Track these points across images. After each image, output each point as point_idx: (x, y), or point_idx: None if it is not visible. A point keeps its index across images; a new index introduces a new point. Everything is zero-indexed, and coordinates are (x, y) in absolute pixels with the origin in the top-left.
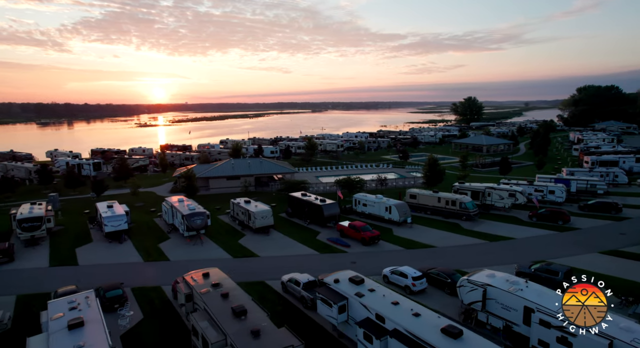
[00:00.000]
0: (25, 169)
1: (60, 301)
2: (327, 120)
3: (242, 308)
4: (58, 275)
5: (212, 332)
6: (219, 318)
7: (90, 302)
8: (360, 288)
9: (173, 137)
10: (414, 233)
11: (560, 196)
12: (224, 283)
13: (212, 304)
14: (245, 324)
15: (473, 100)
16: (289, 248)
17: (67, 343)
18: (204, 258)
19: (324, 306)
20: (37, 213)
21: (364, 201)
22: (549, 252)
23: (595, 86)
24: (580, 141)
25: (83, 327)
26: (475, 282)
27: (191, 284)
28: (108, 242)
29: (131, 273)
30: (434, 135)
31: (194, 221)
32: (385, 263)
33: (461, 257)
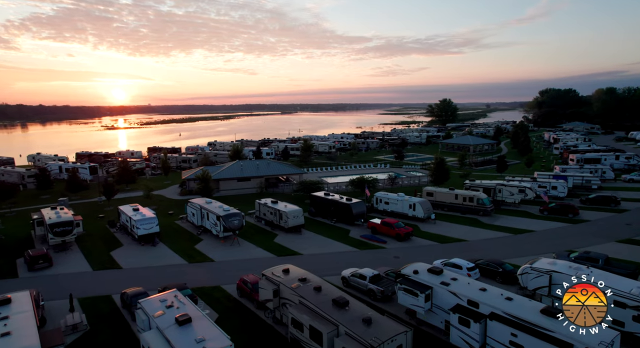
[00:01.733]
0: (18, 174)
1: (151, 300)
2: (300, 122)
3: (343, 299)
4: (109, 279)
5: (322, 323)
6: (324, 310)
7: (183, 300)
8: (443, 278)
9: (148, 139)
10: (440, 228)
11: (562, 191)
12: (309, 277)
13: (310, 297)
14: (351, 314)
15: (448, 102)
16: (327, 246)
17: (186, 337)
18: (247, 258)
19: (408, 296)
20: (67, 218)
21: (385, 199)
22: (571, 242)
23: (556, 89)
24: (556, 140)
25: (191, 322)
26: (539, 269)
27: (276, 280)
28: (141, 245)
29: (182, 274)
30: (419, 136)
31: (232, 222)
32: (426, 257)
33: (493, 249)
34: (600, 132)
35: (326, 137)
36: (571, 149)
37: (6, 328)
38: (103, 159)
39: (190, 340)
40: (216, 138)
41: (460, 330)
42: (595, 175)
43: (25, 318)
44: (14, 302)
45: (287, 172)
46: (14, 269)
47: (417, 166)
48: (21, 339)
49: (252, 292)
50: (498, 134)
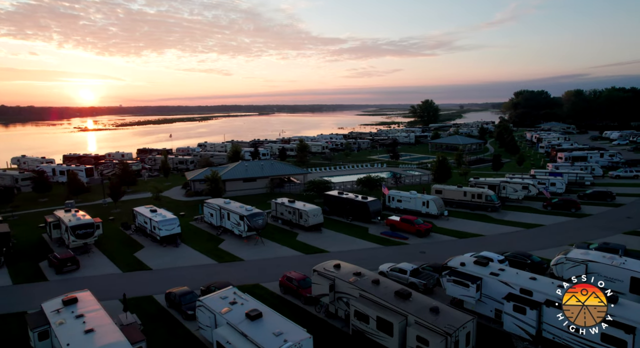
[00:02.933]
0: (11, 177)
1: (212, 298)
2: (280, 123)
3: (406, 290)
4: (142, 280)
5: (390, 314)
6: (389, 301)
7: (244, 296)
8: (491, 269)
9: (129, 141)
10: (454, 224)
11: (560, 187)
12: (363, 271)
13: (371, 290)
14: (417, 304)
15: (430, 103)
16: (351, 243)
17: (263, 331)
18: (276, 256)
19: (458, 287)
20: (88, 220)
21: (398, 197)
22: (581, 235)
23: (530, 91)
24: (539, 140)
25: (262, 317)
26: (575, 259)
27: (331, 275)
28: (162, 247)
29: (215, 274)
30: (407, 136)
31: (256, 221)
32: (451, 251)
33: (510, 243)
34: (575, 131)
35: (316, 137)
36: (556, 147)
37: (87, 325)
38: (94, 161)
39: (268, 334)
40: (200, 139)
41: (515, 318)
42: (586, 172)
43: (100, 316)
44: (80, 301)
45: (291, 172)
46: (40, 272)
47: (414, 165)
48: (106, 335)
49: (299, 288)
50: (482, 134)
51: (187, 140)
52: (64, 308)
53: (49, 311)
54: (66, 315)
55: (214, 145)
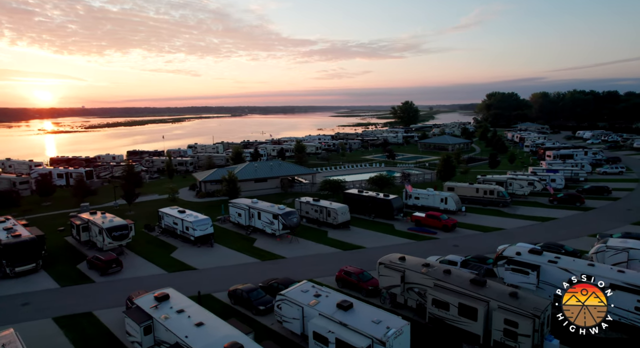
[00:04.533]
0: (9, 181)
1: (293, 291)
2: (257, 124)
3: (482, 279)
4: (192, 279)
5: (471, 300)
6: (467, 289)
7: (324, 289)
8: (548, 257)
9: (106, 143)
10: (472, 219)
11: (560, 183)
12: (431, 263)
13: (446, 279)
14: (495, 290)
15: (410, 104)
16: (383, 239)
17: (361, 320)
18: (316, 253)
19: (517, 275)
20: (122, 222)
21: (415, 195)
22: (594, 226)
23: (501, 93)
24: (522, 139)
25: (353, 307)
26: (616, 247)
27: (401, 266)
28: (197, 247)
29: (263, 271)
30: (395, 136)
31: (291, 219)
32: (482, 244)
33: (532, 235)
34: (549, 132)
35: (305, 138)
36: (541, 146)
37: (193, 319)
38: (85, 164)
39: (367, 322)
40: (178, 141)
41: None
42: (578, 169)
43: (199, 310)
44: (172, 297)
45: (300, 172)
46: (83, 275)
47: (411, 164)
48: (218, 327)
49: (360, 281)
50: (465, 134)
51: (168, 142)
52: (159, 304)
53: (147, 307)
54: (166, 310)
55: (205, 147)
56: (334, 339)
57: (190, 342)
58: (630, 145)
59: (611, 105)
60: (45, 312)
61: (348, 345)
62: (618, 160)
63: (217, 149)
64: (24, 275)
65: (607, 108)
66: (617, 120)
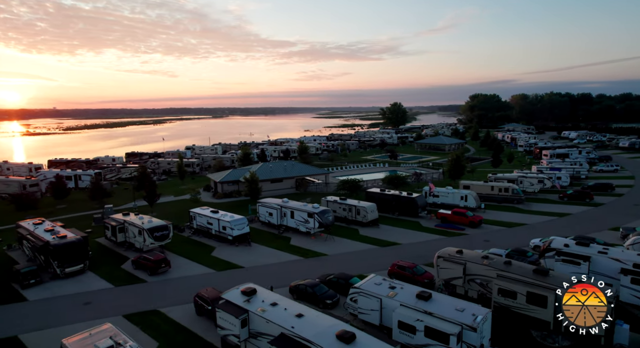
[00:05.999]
0: (19, 183)
1: (368, 284)
2: (242, 126)
3: (544, 268)
4: (242, 277)
5: (538, 289)
6: (533, 278)
7: (396, 281)
8: (597, 248)
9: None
10: (492, 215)
11: (565, 181)
12: (490, 256)
13: (509, 270)
14: (558, 279)
15: (399, 106)
16: (414, 236)
17: (445, 308)
18: (355, 250)
19: (568, 265)
20: (162, 222)
21: (435, 193)
22: (611, 220)
23: (484, 94)
24: (514, 140)
25: (432, 297)
26: None
27: (462, 259)
28: (235, 246)
29: (310, 268)
30: (390, 137)
31: (327, 217)
32: (512, 239)
33: (555, 229)
34: (534, 132)
35: (302, 139)
36: (535, 146)
37: (290, 311)
38: (85, 166)
39: (451, 310)
40: (166, 144)
41: (631, 289)
42: (580, 167)
43: (292, 303)
44: (258, 292)
45: (313, 173)
46: (131, 275)
47: (414, 164)
48: (319, 318)
49: (415, 275)
50: (456, 135)
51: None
52: (250, 298)
53: (240, 301)
54: (258, 304)
55: (204, 148)
56: (422, 327)
57: (299, 332)
58: (616, 144)
59: (586, 106)
60: (112, 311)
61: (438, 332)
62: (609, 159)
63: (216, 150)
64: (73, 275)
65: (582, 109)
66: (592, 120)
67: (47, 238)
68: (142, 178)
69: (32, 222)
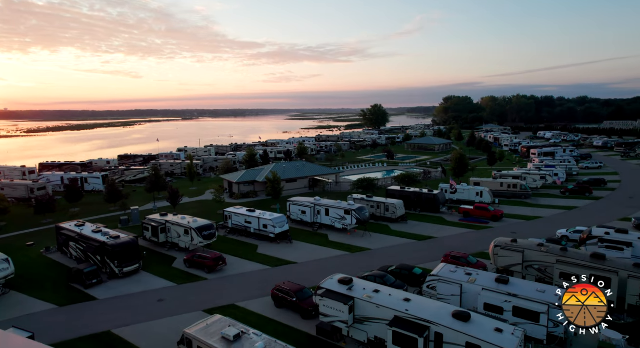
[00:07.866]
0: (26, 187)
1: (443, 271)
2: (217, 128)
3: (601, 253)
4: (298, 272)
5: (600, 272)
6: (591, 262)
7: (468, 269)
8: (637, 235)
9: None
10: (507, 210)
11: (562, 177)
12: (544, 243)
13: (568, 255)
14: (618, 263)
15: (379, 107)
16: (445, 230)
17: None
18: (395, 244)
19: (611, 251)
20: (208, 222)
21: (452, 189)
22: (614, 212)
23: (457, 96)
24: (497, 140)
25: (510, 281)
26: None
27: (519, 247)
28: (277, 244)
29: (358, 261)
30: (379, 138)
31: (364, 214)
32: (535, 230)
33: (569, 221)
34: (510, 132)
35: (290, 140)
36: (523, 145)
37: (395, 296)
38: (79, 169)
39: (533, 291)
40: (140, 146)
41: None
42: (571, 164)
43: (391, 289)
44: (354, 280)
45: (324, 173)
46: (188, 273)
47: (412, 164)
48: (425, 302)
49: (469, 264)
50: (439, 135)
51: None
52: (351, 287)
53: (343, 290)
54: (361, 291)
55: (197, 150)
56: (510, 307)
57: (415, 313)
58: (591, 143)
59: (549, 108)
60: (189, 306)
61: (527, 311)
62: (590, 157)
63: (209, 152)
64: (129, 275)
65: (546, 111)
66: (555, 122)
67: (102, 239)
68: (156, 180)
69: (74, 224)
